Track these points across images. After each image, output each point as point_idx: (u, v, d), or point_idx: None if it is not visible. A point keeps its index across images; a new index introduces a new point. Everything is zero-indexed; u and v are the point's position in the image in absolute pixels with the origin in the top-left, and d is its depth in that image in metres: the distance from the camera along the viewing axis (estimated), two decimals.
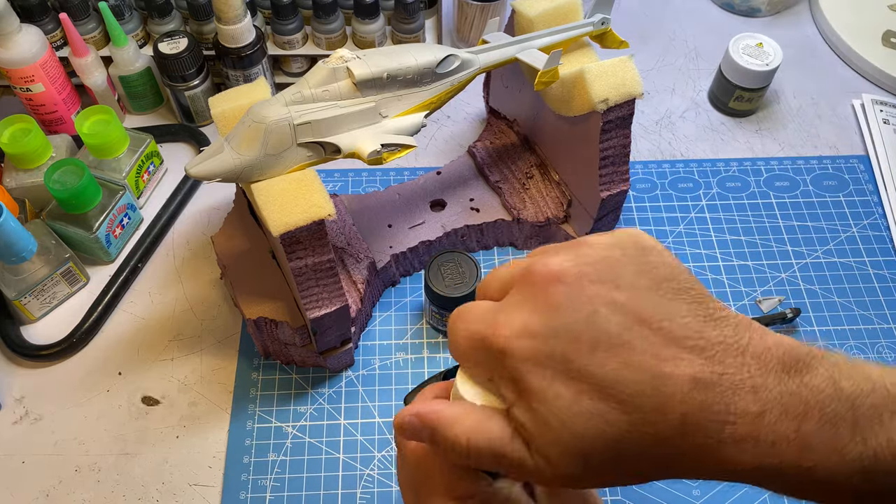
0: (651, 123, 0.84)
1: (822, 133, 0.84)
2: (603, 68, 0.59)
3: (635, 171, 0.79)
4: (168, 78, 0.77)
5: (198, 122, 0.82)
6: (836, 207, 0.77)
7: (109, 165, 0.71)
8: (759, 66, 0.79)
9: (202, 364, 0.66)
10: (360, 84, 0.53)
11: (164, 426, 0.63)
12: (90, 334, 0.68)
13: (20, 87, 0.73)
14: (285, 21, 0.77)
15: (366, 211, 0.71)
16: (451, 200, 0.72)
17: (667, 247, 0.72)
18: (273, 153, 0.51)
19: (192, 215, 0.76)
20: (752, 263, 0.73)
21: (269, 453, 0.62)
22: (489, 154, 0.74)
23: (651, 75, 0.89)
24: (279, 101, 0.51)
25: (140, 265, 0.72)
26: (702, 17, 0.95)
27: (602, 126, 0.59)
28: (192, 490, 0.60)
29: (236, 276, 0.63)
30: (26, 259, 0.64)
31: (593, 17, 0.62)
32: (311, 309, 0.56)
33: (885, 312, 0.70)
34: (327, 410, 0.64)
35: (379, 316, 0.69)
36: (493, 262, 0.72)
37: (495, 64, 0.60)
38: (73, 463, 0.61)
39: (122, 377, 0.66)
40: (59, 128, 0.78)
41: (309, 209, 0.51)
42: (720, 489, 0.60)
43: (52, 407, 0.64)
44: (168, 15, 0.78)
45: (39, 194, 0.69)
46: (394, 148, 0.54)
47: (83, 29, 0.76)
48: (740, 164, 0.80)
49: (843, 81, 0.89)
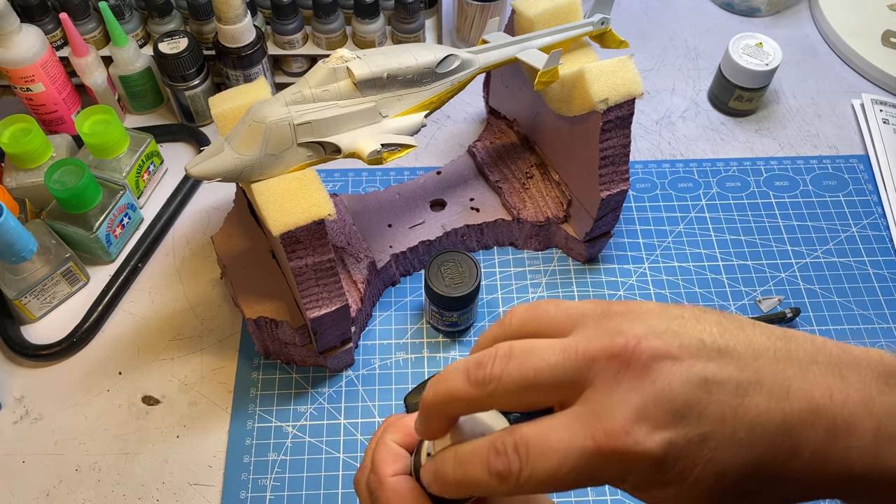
0: (651, 123, 0.84)
1: (821, 133, 0.84)
2: (603, 68, 0.59)
3: (635, 170, 0.79)
4: (168, 78, 0.77)
5: (198, 121, 0.82)
6: (835, 207, 0.77)
7: (109, 165, 0.71)
8: (759, 66, 0.79)
9: (202, 364, 0.66)
10: (360, 84, 0.53)
11: (164, 426, 0.63)
12: (90, 334, 0.68)
13: (20, 87, 0.73)
14: (285, 21, 0.77)
15: (366, 211, 0.71)
16: (451, 200, 0.72)
17: (666, 247, 0.73)
18: (273, 153, 0.51)
19: (192, 215, 0.76)
20: (751, 263, 0.73)
21: (270, 453, 0.62)
22: (489, 154, 0.74)
23: (651, 75, 0.89)
24: (279, 101, 0.52)
25: (140, 265, 0.72)
26: (702, 17, 0.95)
27: (602, 126, 0.59)
28: (193, 490, 0.60)
29: (236, 275, 0.63)
30: (26, 259, 0.65)
31: (593, 16, 0.62)
32: (311, 308, 0.56)
33: (885, 312, 0.70)
34: (327, 410, 0.64)
35: (379, 316, 0.69)
36: (494, 262, 0.72)
37: (495, 64, 0.60)
38: (74, 462, 0.61)
39: (122, 377, 0.66)
40: (60, 128, 0.78)
41: (309, 209, 0.51)
42: None
43: (53, 406, 0.64)
44: (168, 15, 0.78)
45: (40, 194, 0.69)
46: (394, 148, 0.54)
47: (83, 29, 0.76)
48: (740, 163, 0.80)
49: (842, 81, 0.89)
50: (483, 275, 0.71)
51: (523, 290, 0.71)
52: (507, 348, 0.30)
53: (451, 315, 0.65)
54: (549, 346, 0.30)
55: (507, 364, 0.30)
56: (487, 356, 0.30)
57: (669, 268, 0.73)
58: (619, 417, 0.27)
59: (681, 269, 0.73)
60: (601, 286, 0.71)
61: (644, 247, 0.74)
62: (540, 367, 0.29)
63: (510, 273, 0.72)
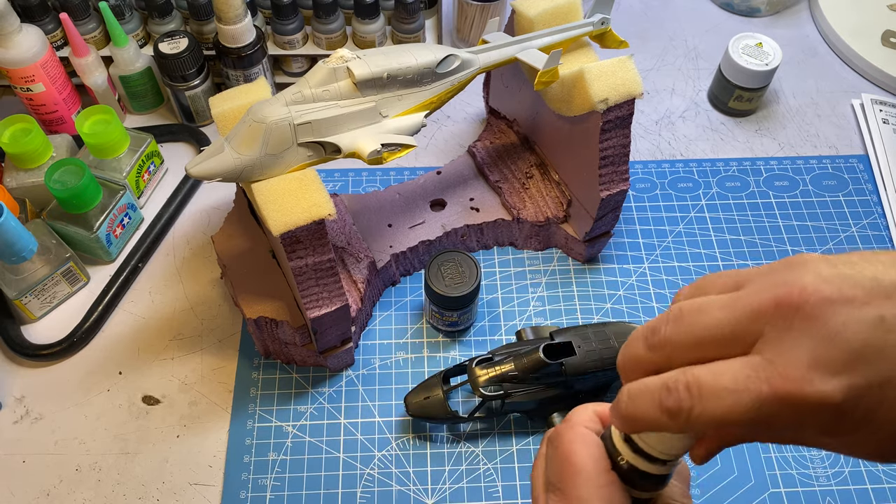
0: (651, 123, 0.84)
1: (821, 133, 0.84)
2: (603, 68, 0.59)
3: (635, 170, 0.79)
4: (168, 78, 0.77)
5: (198, 121, 0.82)
6: (835, 207, 0.77)
7: (110, 165, 0.71)
8: (759, 66, 0.79)
9: (202, 363, 0.66)
10: (360, 84, 0.53)
11: (164, 426, 0.63)
12: (90, 334, 0.68)
13: (21, 87, 0.73)
14: (285, 21, 0.77)
15: (366, 211, 0.71)
16: (451, 200, 0.72)
17: (666, 246, 0.73)
18: (273, 153, 0.51)
19: (192, 215, 0.76)
20: (751, 263, 0.73)
21: (270, 452, 0.62)
22: (489, 154, 0.74)
23: (651, 75, 0.89)
24: (279, 101, 0.52)
25: (140, 265, 0.72)
26: (702, 17, 0.95)
27: (602, 126, 0.59)
28: (193, 489, 0.60)
29: (236, 275, 0.63)
30: (27, 259, 0.65)
31: (593, 16, 0.62)
32: (311, 308, 0.56)
33: None
34: (327, 410, 0.64)
35: (379, 315, 0.69)
36: (493, 262, 0.72)
37: (495, 64, 0.60)
38: (74, 462, 0.61)
39: (122, 377, 0.66)
40: (60, 128, 0.78)
41: (309, 209, 0.51)
42: (720, 488, 0.60)
43: (53, 406, 0.64)
44: (168, 15, 0.78)
45: (40, 194, 0.69)
46: (394, 148, 0.54)
47: (83, 29, 0.76)
48: (740, 163, 0.80)
49: (842, 81, 0.89)
50: (483, 275, 0.71)
51: (523, 289, 0.71)
52: (678, 310, 0.31)
53: (451, 315, 0.65)
54: (717, 302, 0.30)
55: (678, 325, 0.30)
56: (660, 320, 0.31)
57: (669, 268, 0.73)
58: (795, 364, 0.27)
59: (681, 269, 0.73)
60: (601, 286, 0.71)
61: (644, 247, 0.74)
62: (709, 323, 0.30)
63: (510, 273, 0.72)
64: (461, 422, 0.62)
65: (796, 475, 0.61)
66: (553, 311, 0.70)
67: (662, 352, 0.31)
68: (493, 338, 0.68)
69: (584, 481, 0.35)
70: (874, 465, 0.62)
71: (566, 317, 0.69)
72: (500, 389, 0.59)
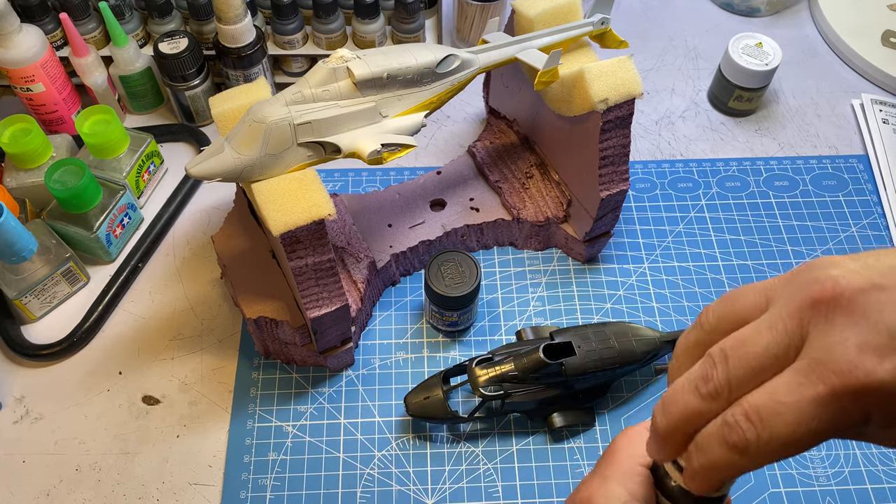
0: (651, 123, 0.84)
1: (821, 133, 0.84)
2: (603, 68, 0.59)
3: (635, 170, 0.79)
4: (168, 78, 0.77)
5: (198, 121, 0.82)
6: (835, 207, 0.77)
7: (110, 165, 0.71)
8: (759, 66, 0.79)
9: (202, 363, 0.66)
10: (360, 84, 0.53)
11: (164, 425, 0.63)
12: (90, 334, 0.68)
13: (20, 87, 0.74)
14: (285, 21, 0.77)
15: (366, 211, 0.71)
16: (451, 200, 0.72)
17: (666, 246, 0.73)
18: (273, 153, 0.51)
19: (192, 215, 0.76)
20: (751, 263, 0.73)
21: (270, 452, 0.62)
22: (489, 154, 0.74)
23: (651, 75, 0.89)
24: (279, 101, 0.52)
25: (140, 265, 0.72)
26: (702, 17, 0.95)
27: (602, 126, 0.59)
28: (193, 489, 0.60)
29: (236, 275, 0.63)
30: (27, 259, 0.65)
31: (593, 16, 0.62)
32: (311, 308, 0.56)
33: None
34: (327, 410, 0.64)
35: (379, 315, 0.69)
36: (493, 262, 0.72)
37: (495, 64, 0.60)
38: (74, 462, 0.61)
39: (122, 377, 0.66)
40: (60, 128, 0.78)
41: (309, 209, 0.51)
42: None
43: (53, 406, 0.64)
44: (168, 15, 0.78)
45: (40, 194, 0.69)
46: (394, 148, 0.54)
47: (83, 29, 0.76)
48: (740, 163, 0.80)
49: (842, 81, 0.89)
50: (483, 275, 0.71)
51: (523, 289, 0.71)
52: (720, 352, 0.30)
53: (451, 315, 0.65)
54: (756, 329, 0.30)
55: (728, 366, 0.30)
56: (707, 367, 0.31)
57: (669, 268, 0.73)
58: (843, 356, 0.27)
59: (681, 269, 0.73)
60: (601, 286, 0.71)
61: (644, 247, 0.74)
62: (759, 351, 0.29)
63: (510, 273, 0.72)
64: (461, 422, 0.62)
65: (796, 475, 0.61)
66: (553, 311, 0.70)
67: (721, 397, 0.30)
68: (493, 338, 0.68)
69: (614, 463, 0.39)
70: (874, 465, 0.62)
71: (566, 317, 0.69)
72: (500, 389, 0.59)
